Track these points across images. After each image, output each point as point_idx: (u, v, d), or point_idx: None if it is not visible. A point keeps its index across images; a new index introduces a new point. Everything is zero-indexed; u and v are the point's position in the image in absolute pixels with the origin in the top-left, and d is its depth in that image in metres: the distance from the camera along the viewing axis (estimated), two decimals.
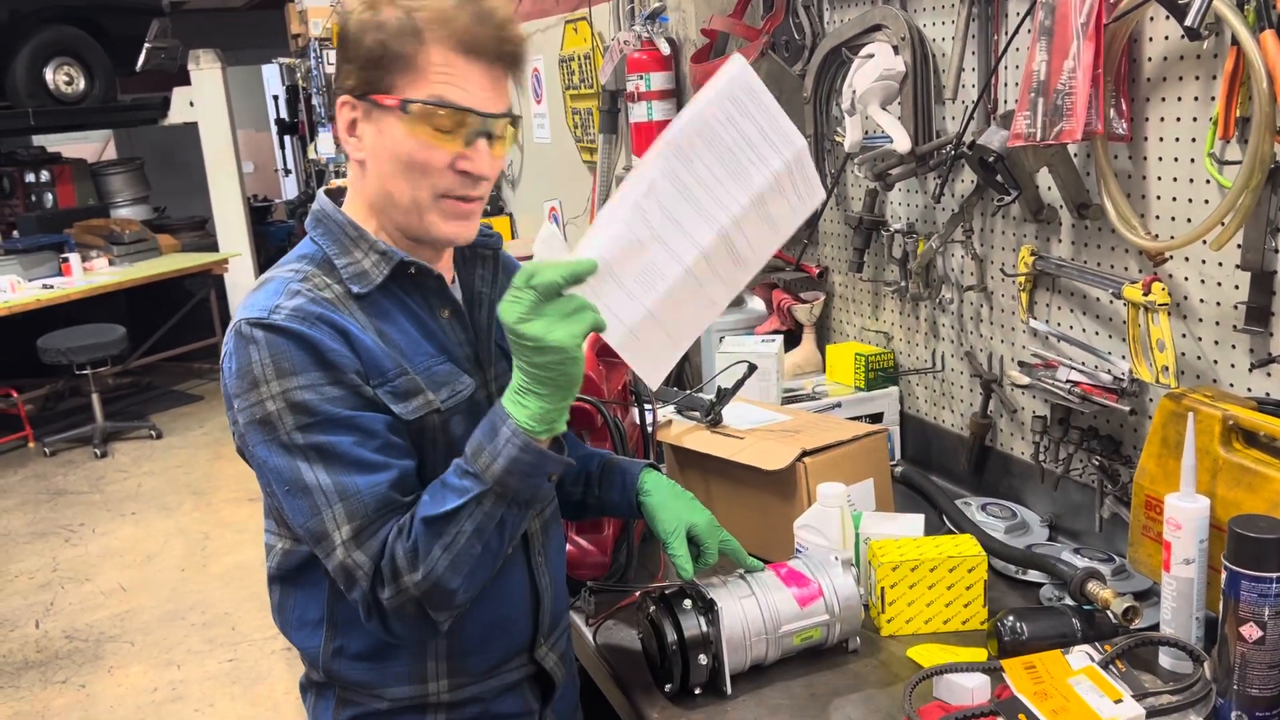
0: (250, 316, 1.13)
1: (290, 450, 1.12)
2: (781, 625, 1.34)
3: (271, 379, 1.11)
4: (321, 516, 1.11)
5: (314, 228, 1.24)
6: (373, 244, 1.20)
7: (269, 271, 1.22)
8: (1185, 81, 1.42)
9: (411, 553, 1.11)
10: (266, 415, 1.11)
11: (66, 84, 7.11)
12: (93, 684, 3.66)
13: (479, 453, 1.11)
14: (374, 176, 1.18)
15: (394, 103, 1.12)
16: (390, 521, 1.13)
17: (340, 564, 1.12)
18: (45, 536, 5.00)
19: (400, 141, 1.13)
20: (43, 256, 6.62)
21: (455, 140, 1.13)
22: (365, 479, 1.12)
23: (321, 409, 1.11)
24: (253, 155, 12.15)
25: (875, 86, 1.85)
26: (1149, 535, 1.41)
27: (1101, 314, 1.63)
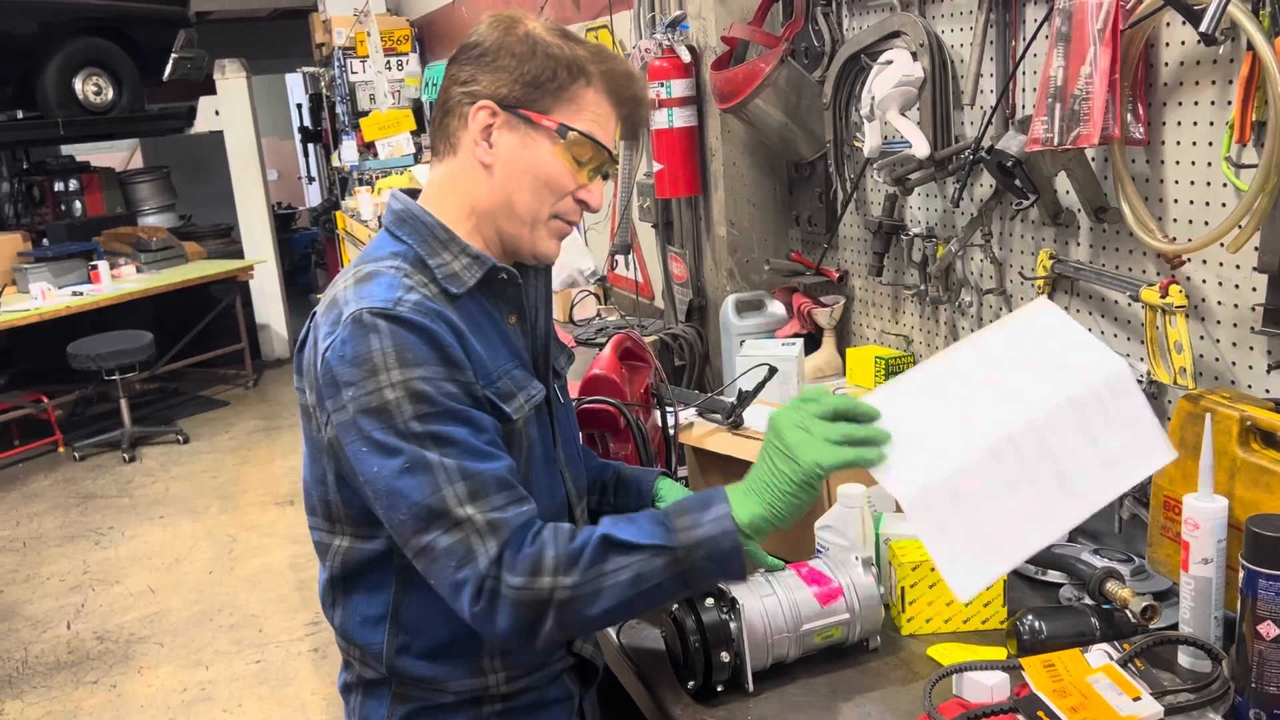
0: (373, 306, 1.13)
1: (406, 437, 1.12)
2: (803, 623, 1.36)
3: (393, 367, 1.12)
4: (443, 493, 1.11)
5: (399, 227, 1.25)
6: (464, 247, 1.24)
7: (363, 265, 1.21)
8: (1202, 86, 1.43)
9: (571, 559, 1.12)
10: (384, 403, 1.12)
11: (95, 94, 7.20)
12: (123, 684, 3.72)
13: (683, 514, 1.17)
14: (498, 184, 1.23)
15: (552, 124, 1.21)
16: (514, 508, 1.14)
17: (459, 540, 1.11)
18: (75, 539, 5.08)
19: (544, 160, 1.22)
20: (72, 264, 6.72)
21: (584, 173, 1.25)
22: (484, 464, 1.13)
23: (440, 401, 1.13)
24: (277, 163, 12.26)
25: (894, 92, 1.87)
26: (1167, 535, 1.42)
27: (1119, 316, 1.64)
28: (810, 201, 2.45)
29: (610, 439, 1.67)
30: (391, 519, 1.15)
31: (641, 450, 1.68)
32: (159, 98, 8.04)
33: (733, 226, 2.54)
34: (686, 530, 1.16)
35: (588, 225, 3.81)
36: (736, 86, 2.25)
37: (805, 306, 2.38)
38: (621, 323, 3.01)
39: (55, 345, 6.32)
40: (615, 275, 3.57)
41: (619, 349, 1.80)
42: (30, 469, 6.15)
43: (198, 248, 7.80)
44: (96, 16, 7.21)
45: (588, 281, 3.59)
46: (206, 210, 9.34)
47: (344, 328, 1.14)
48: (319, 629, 3.98)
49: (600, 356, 1.75)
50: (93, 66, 7.19)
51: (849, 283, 2.37)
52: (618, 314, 3.24)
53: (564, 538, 1.15)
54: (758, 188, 2.55)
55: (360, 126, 6.60)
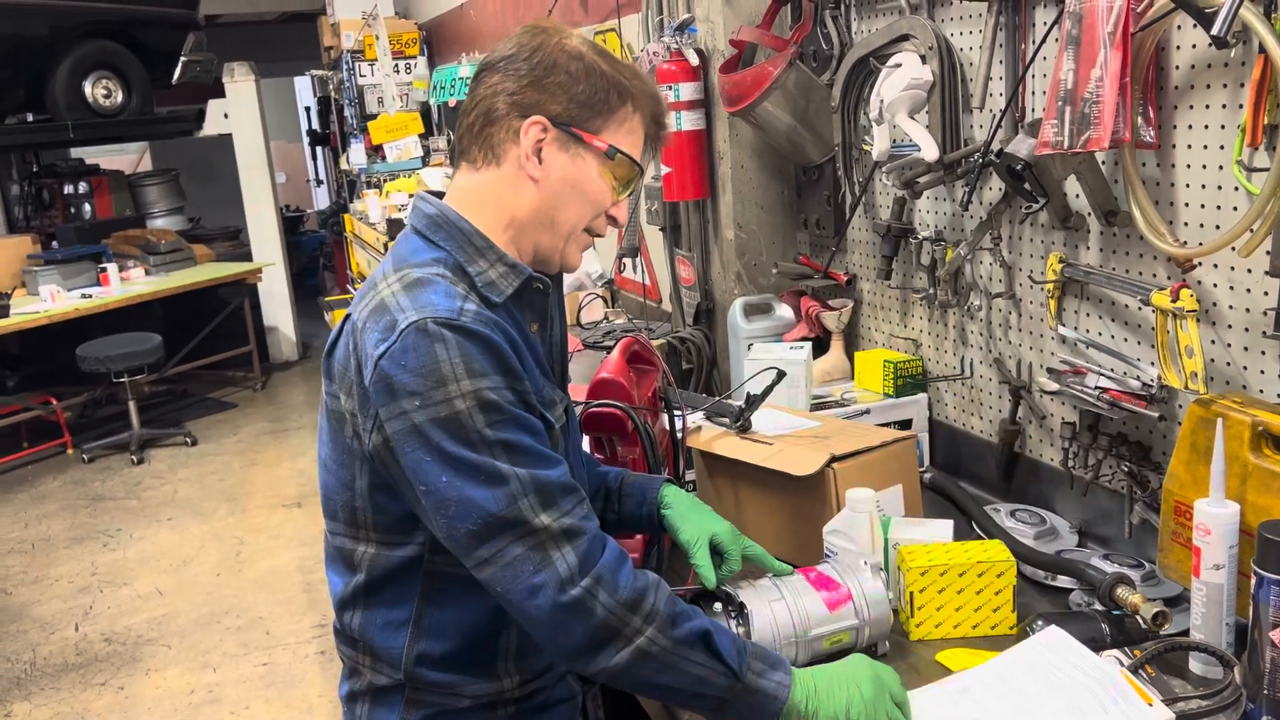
0: (438, 315, 1.13)
1: (479, 446, 1.12)
2: (811, 628, 1.35)
3: (462, 378, 1.12)
4: (518, 504, 1.12)
5: (434, 231, 1.25)
6: (500, 255, 1.24)
7: (407, 270, 1.20)
8: (1213, 89, 1.43)
9: (670, 622, 1.15)
10: (455, 413, 1.12)
11: (105, 97, 7.23)
12: (131, 686, 3.73)
13: (759, 659, 1.19)
14: (544, 198, 1.25)
15: (603, 145, 1.25)
16: (581, 510, 1.16)
17: (534, 547, 1.12)
18: (84, 541, 5.09)
19: (590, 179, 1.26)
20: (81, 267, 6.74)
21: (618, 190, 1.29)
22: (551, 471, 1.16)
23: (508, 409, 1.14)
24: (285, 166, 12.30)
25: (903, 95, 1.87)
26: (1178, 541, 1.41)
27: (1130, 320, 1.63)
28: (818, 205, 2.44)
29: (618, 443, 1.67)
30: (456, 529, 1.14)
31: (649, 454, 1.67)
32: (168, 101, 8.07)
33: (740, 230, 2.54)
34: (755, 674, 1.18)
35: None
36: (745, 90, 2.25)
37: (813, 310, 2.38)
38: (629, 326, 3.01)
39: (64, 347, 6.34)
40: (623, 278, 3.57)
41: (627, 352, 1.80)
42: (39, 471, 6.17)
43: (206, 250, 7.83)
44: (106, 20, 7.24)
45: (595, 284, 3.58)
46: (215, 213, 9.38)
47: (405, 336, 1.12)
48: (326, 631, 3.98)
49: (608, 360, 1.75)
50: (102, 70, 7.22)
51: (857, 286, 2.37)
52: (625, 317, 3.24)
53: (668, 595, 1.18)
54: (766, 191, 2.54)
55: (368, 129, 6.61)
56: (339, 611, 1.33)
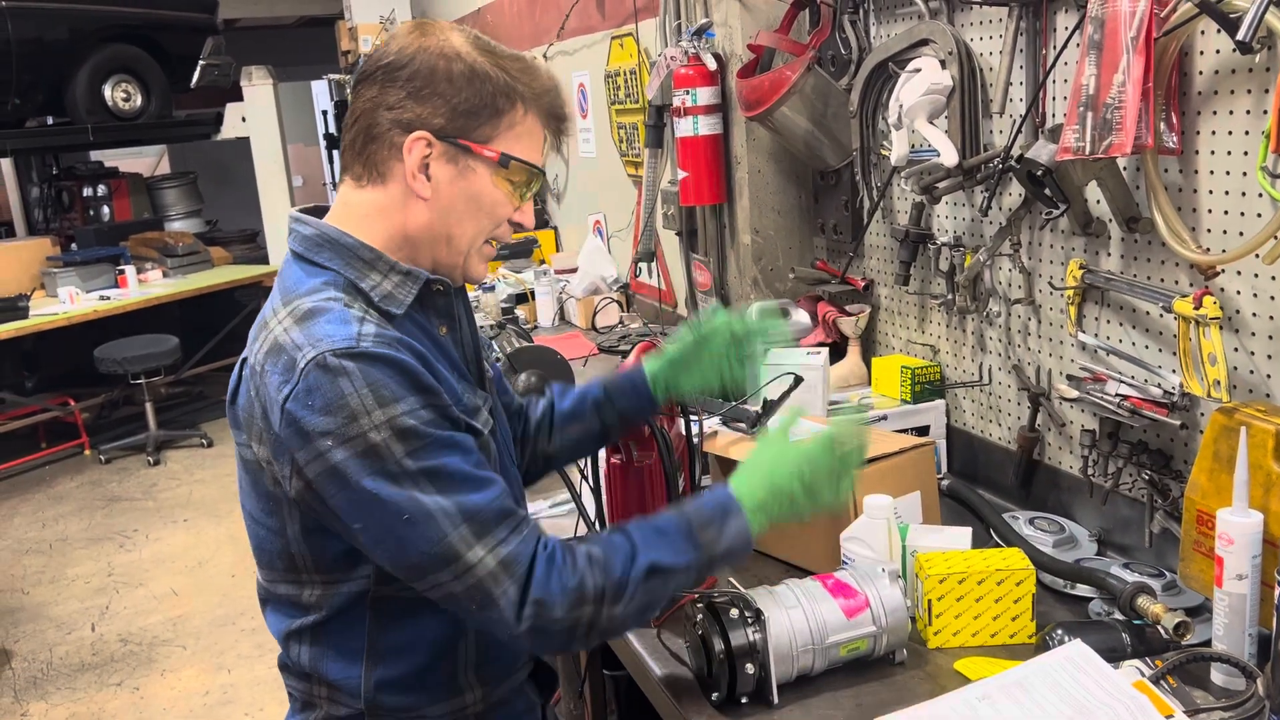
0: (335, 347, 1.08)
1: (401, 479, 1.08)
2: (828, 636, 1.35)
3: (374, 409, 1.07)
4: (449, 539, 1.09)
5: (317, 253, 1.19)
6: (392, 265, 1.19)
7: (296, 301, 1.14)
8: (1237, 95, 1.41)
9: (617, 590, 1.14)
10: (371, 446, 1.07)
11: (124, 100, 7.28)
12: (146, 686, 3.74)
13: (706, 526, 1.20)
14: (436, 215, 1.19)
15: (494, 154, 1.19)
16: (517, 536, 1.12)
17: (477, 583, 1.10)
18: (100, 542, 5.12)
19: (485, 190, 1.20)
20: (100, 269, 6.78)
21: (517, 196, 1.24)
22: (482, 495, 1.11)
23: (428, 433, 1.09)
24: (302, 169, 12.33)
25: (922, 100, 1.86)
26: (1200, 550, 1.39)
27: (1151, 328, 1.62)
28: (836, 210, 2.43)
29: (634, 447, 1.66)
30: (397, 562, 1.12)
31: (665, 459, 1.67)
32: (186, 104, 8.12)
33: (757, 234, 2.53)
34: (713, 542, 1.20)
35: (611, 233, 3.81)
36: (762, 94, 2.25)
37: (830, 315, 2.37)
38: (644, 330, 3.00)
39: (82, 349, 6.38)
40: (638, 283, 3.57)
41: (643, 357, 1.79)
42: (56, 471, 6.21)
43: (223, 253, 7.86)
44: (126, 24, 7.29)
45: (610, 289, 3.59)
46: (232, 215, 9.42)
47: (306, 375, 1.07)
48: None
49: (625, 364, 1.74)
50: (122, 73, 7.26)
51: (875, 291, 2.36)
52: (640, 321, 3.23)
53: (603, 566, 1.15)
54: (783, 195, 2.54)
55: None
56: (284, 646, 1.28)
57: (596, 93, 3.73)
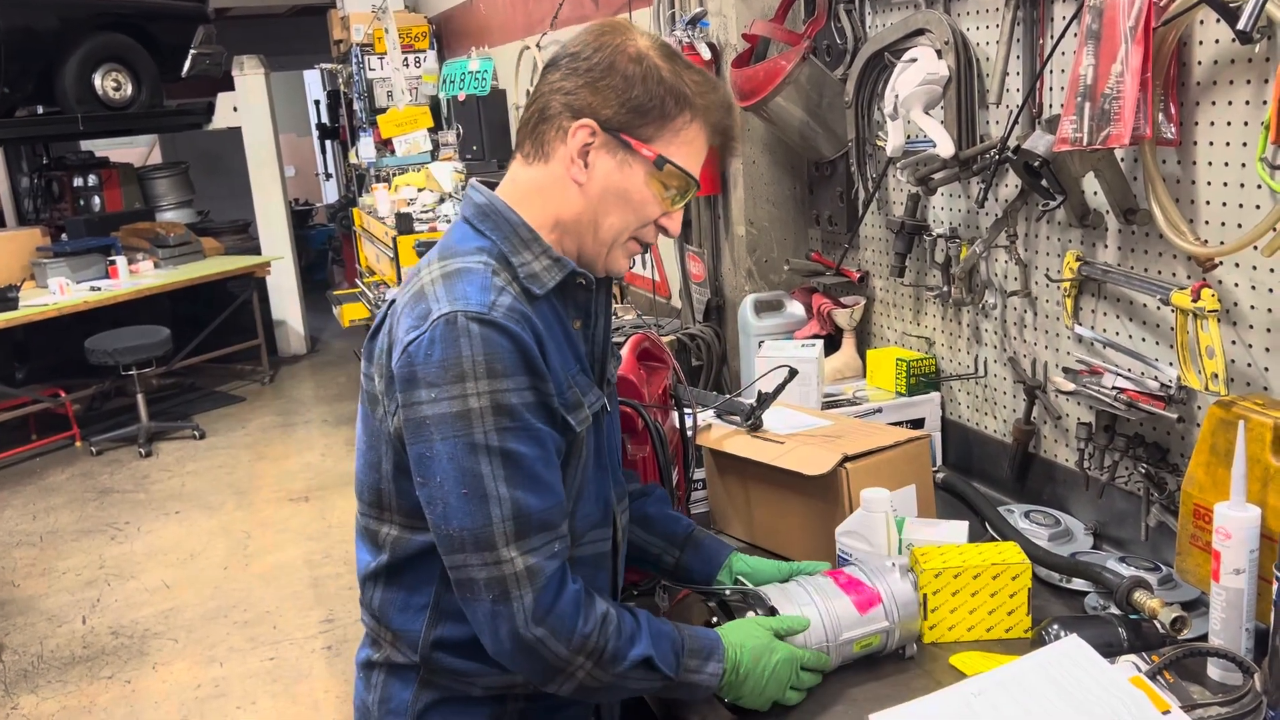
0: (469, 309, 1.13)
1: (479, 451, 1.13)
2: (842, 632, 1.34)
3: (482, 376, 1.12)
4: (492, 529, 1.14)
5: (481, 220, 1.25)
6: (545, 248, 1.24)
7: (450, 259, 1.21)
8: (1236, 85, 1.40)
9: (614, 659, 1.20)
10: (467, 410, 1.12)
11: (115, 90, 7.22)
12: (138, 680, 3.72)
13: (693, 655, 1.25)
14: (588, 203, 1.23)
15: (651, 154, 1.22)
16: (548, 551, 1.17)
17: (496, 579, 1.15)
18: (91, 534, 5.09)
19: (637, 187, 1.23)
20: (90, 259, 6.75)
21: (668, 201, 1.26)
22: (538, 500, 1.16)
23: (522, 415, 1.14)
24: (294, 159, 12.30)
25: (918, 91, 1.85)
26: (1197, 544, 1.39)
27: (1148, 320, 1.61)
28: (831, 201, 2.42)
29: (628, 441, 1.65)
30: (439, 528, 1.17)
31: (659, 453, 1.66)
32: (178, 94, 8.07)
33: (752, 225, 2.52)
34: (688, 671, 1.25)
35: None
36: (757, 84, 2.23)
37: (825, 307, 2.36)
38: (638, 322, 2.99)
39: (73, 340, 6.35)
40: (632, 274, 3.55)
41: (637, 349, 1.78)
42: (47, 463, 6.18)
43: (215, 243, 7.82)
44: (117, 13, 7.23)
45: None
46: (224, 206, 9.38)
47: (434, 327, 1.13)
48: (333, 626, 3.98)
49: None
50: (112, 62, 7.21)
51: (870, 283, 2.34)
52: (634, 313, 3.22)
53: (614, 633, 1.21)
54: (778, 186, 2.52)
55: (378, 123, 6.60)
56: (362, 586, 1.35)
57: None
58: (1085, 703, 1.20)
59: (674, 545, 1.51)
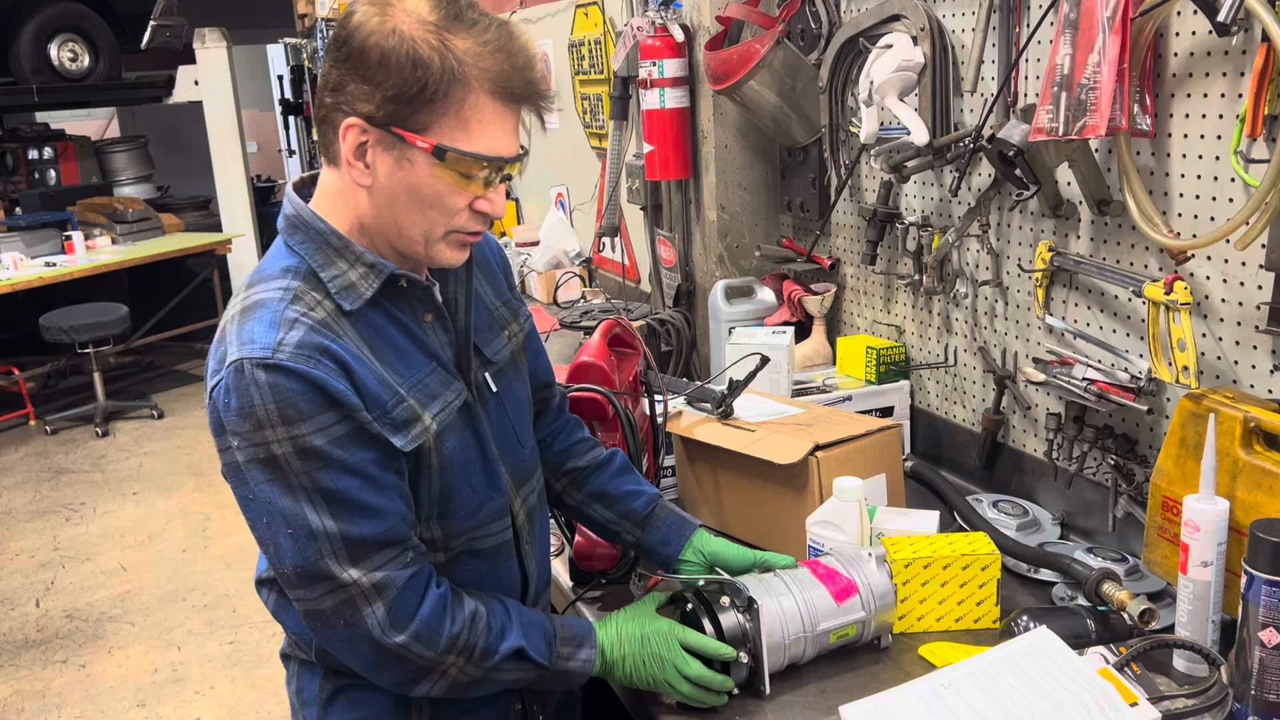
0: (252, 356, 1.08)
1: (296, 492, 1.10)
2: (819, 622, 1.33)
3: (278, 424, 1.08)
4: (325, 561, 1.12)
5: (291, 234, 1.18)
6: (359, 255, 1.16)
7: (252, 289, 1.15)
8: (1212, 78, 1.40)
9: (484, 655, 1.20)
10: (272, 457, 1.09)
11: (71, 60, 7.07)
12: (93, 664, 3.66)
13: (566, 642, 1.27)
14: (382, 206, 1.14)
15: (427, 146, 1.09)
16: (396, 564, 1.15)
17: (344, 601, 1.13)
18: (46, 515, 5.00)
19: (425, 182, 1.11)
20: (45, 234, 6.60)
21: (477, 184, 1.14)
22: (369, 526, 1.13)
23: (330, 454, 1.10)
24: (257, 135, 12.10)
25: (893, 77, 1.83)
26: (1165, 536, 1.39)
27: (1120, 312, 1.61)
28: (803, 187, 2.41)
29: (598, 427, 1.63)
30: (275, 566, 1.16)
31: (629, 440, 1.64)
32: (137, 66, 7.90)
33: (723, 211, 2.50)
34: (561, 659, 1.26)
35: (574, 206, 3.76)
36: (731, 68, 2.21)
37: (796, 294, 2.34)
38: (607, 306, 2.96)
39: (27, 316, 6.22)
40: (601, 257, 3.53)
41: (608, 335, 1.76)
42: (0, 442, 6.05)
43: (175, 220, 7.69)
44: None
45: (573, 263, 3.54)
46: (184, 182, 9.21)
47: (228, 373, 1.09)
48: None
49: (589, 343, 1.71)
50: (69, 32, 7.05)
51: (841, 271, 2.33)
52: (603, 297, 3.19)
53: (484, 629, 1.20)
54: (750, 172, 2.50)
55: None
56: (258, 589, 1.36)
57: (560, 63, 3.66)
58: (1054, 695, 1.20)
59: (634, 524, 1.48)
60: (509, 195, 4.42)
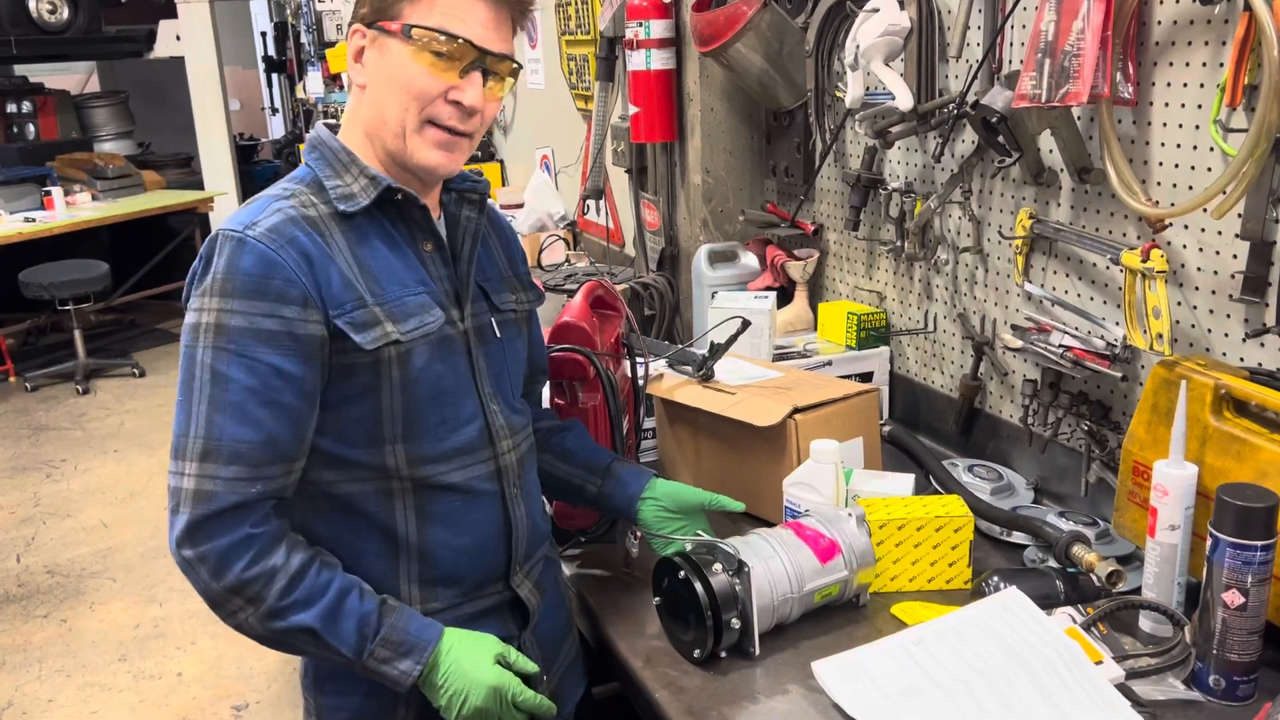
0: (228, 228, 1.18)
1: (195, 364, 1.16)
2: (806, 583, 1.35)
3: (215, 294, 1.15)
4: (185, 440, 1.15)
5: (309, 152, 1.28)
6: (363, 169, 1.25)
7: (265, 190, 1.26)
8: (1194, 46, 1.40)
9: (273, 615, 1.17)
10: (197, 324, 1.16)
11: (50, 13, 6.94)
12: (74, 619, 3.67)
13: (387, 644, 1.20)
14: (371, 99, 1.24)
15: (397, 27, 1.20)
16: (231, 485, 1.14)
17: (173, 490, 1.16)
18: (26, 471, 4.98)
19: (400, 65, 1.20)
20: (24, 189, 6.52)
21: (451, 71, 1.21)
22: (234, 429, 1.15)
23: (241, 340, 1.15)
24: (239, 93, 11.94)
25: (879, 41, 1.83)
26: (1135, 501, 1.42)
27: (1097, 279, 1.63)
28: (788, 152, 2.40)
29: (579, 388, 1.64)
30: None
31: (610, 401, 1.65)
32: (117, 19, 7.77)
33: (708, 175, 2.50)
34: (378, 661, 1.20)
35: (558, 169, 3.74)
36: (717, 29, 2.19)
37: (779, 259, 2.35)
38: (591, 269, 2.96)
39: (6, 273, 6.15)
40: (585, 220, 3.52)
41: (590, 296, 1.76)
42: None
43: (156, 177, 7.60)
44: None
45: (557, 226, 3.53)
46: (166, 139, 9.08)
47: (206, 243, 1.20)
48: None
49: (571, 304, 1.71)
50: None
51: (824, 236, 2.34)
52: (587, 260, 3.19)
53: (280, 590, 1.16)
54: (735, 136, 2.50)
55: (326, 57, 6.42)
56: None
57: (546, 22, 3.63)
58: (1021, 653, 1.23)
59: (595, 475, 1.50)
60: (493, 157, 4.40)
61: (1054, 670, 1.20)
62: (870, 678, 1.24)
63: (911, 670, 1.24)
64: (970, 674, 1.22)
